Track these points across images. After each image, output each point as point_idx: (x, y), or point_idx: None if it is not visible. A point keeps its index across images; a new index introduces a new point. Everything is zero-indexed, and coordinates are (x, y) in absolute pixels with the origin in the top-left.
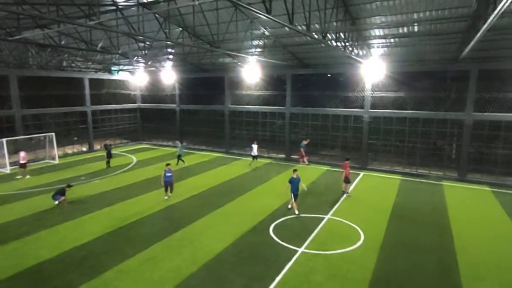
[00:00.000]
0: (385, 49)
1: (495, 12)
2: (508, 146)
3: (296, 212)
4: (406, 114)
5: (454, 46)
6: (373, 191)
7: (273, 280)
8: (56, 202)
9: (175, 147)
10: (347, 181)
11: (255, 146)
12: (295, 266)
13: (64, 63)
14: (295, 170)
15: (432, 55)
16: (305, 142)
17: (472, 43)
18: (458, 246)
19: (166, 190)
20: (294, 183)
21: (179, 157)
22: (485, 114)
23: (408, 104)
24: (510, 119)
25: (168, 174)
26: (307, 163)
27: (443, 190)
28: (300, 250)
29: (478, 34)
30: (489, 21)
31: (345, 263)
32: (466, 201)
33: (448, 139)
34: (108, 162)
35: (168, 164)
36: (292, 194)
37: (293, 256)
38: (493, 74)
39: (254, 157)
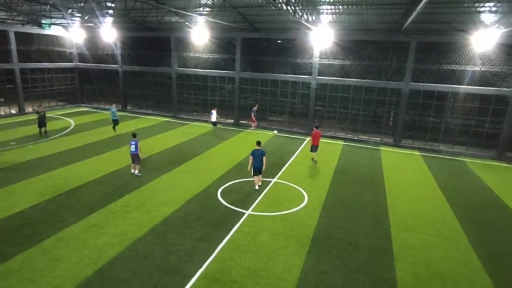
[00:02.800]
0: (334, 16)
1: None
2: (438, 115)
3: (256, 187)
4: (351, 82)
5: (397, 17)
6: (317, 155)
7: (221, 241)
8: None
9: (119, 110)
10: (314, 149)
11: (214, 112)
12: (242, 227)
13: None
14: (258, 143)
15: (377, 25)
16: (255, 108)
17: (414, 14)
18: (390, 202)
19: (133, 163)
20: (256, 156)
21: (116, 122)
22: (420, 84)
23: (353, 72)
24: (442, 89)
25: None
26: (253, 128)
27: (380, 154)
28: (247, 212)
29: (420, 5)
30: None
31: (289, 222)
32: (399, 164)
33: (387, 107)
34: (41, 132)
35: (134, 135)
36: (252, 170)
37: (240, 218)
38: (429, 47)
39: (214, 123)
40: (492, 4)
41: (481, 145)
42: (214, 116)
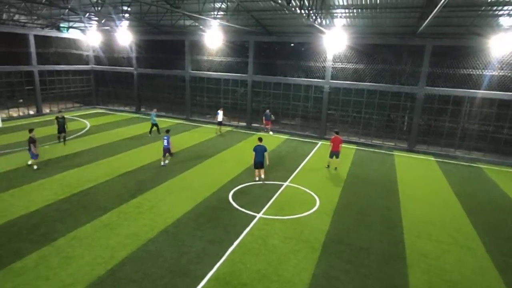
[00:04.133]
0: (348, 19)
1: None
2: (453, 120)
3: (258, 179)
4: (365, 86)
5: (412, 21)
6: (333, 161)
7: (232, 243)
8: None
9: (133, 112)
10: (337, 155)
11: (220, 112)
12: (253, 230)
13: (5, 16)
14: (260, 139)
15: (391, 29)
16: (267, 111)
17: (430, 17)
18: (403, 207)
19: (164, 156)
20: (257, 151)
21: (155, 126)
22: (435, 88)
23: (366, 76)
24: (458, 94)
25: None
26: (265, 131)
27: (393, 159)
28: (258, 215)
29: (436, 9)
30: None
31: (300, 226)
32: (413, 169)
33: (401, 112)
34: (60, 138)
35: (167, 131)
36: (253, 164)
37: (251, 221)
38: (445, 51)
39: (219, 123)
40: (510, 7)
41: (499, 151)
42: (220, 116)
